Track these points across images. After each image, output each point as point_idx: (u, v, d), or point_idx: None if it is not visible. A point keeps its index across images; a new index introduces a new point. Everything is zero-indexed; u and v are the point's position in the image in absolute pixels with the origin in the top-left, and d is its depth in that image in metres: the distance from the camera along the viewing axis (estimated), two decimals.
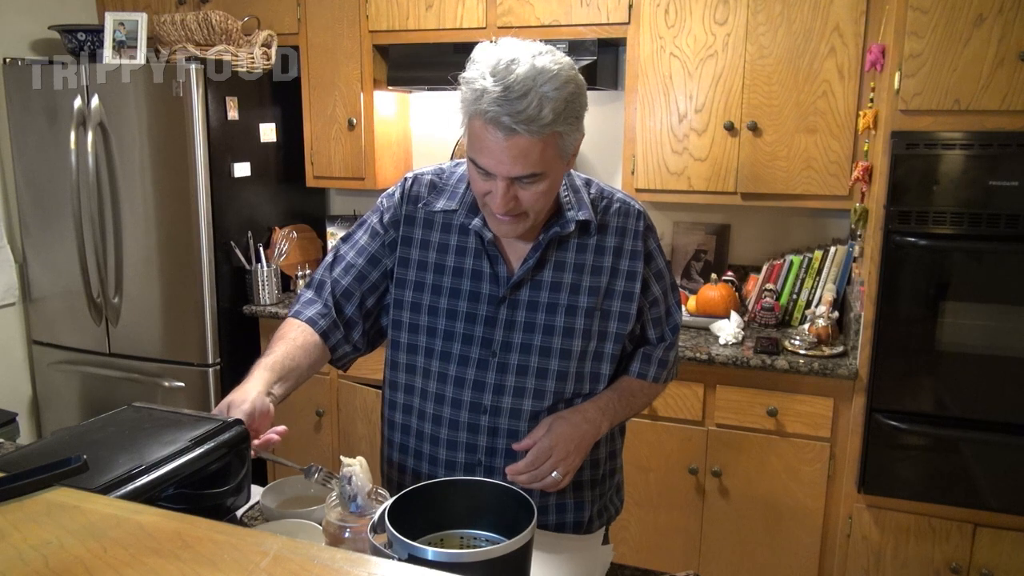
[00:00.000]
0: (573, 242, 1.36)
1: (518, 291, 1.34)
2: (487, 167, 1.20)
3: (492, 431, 1.35)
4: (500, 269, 1.34)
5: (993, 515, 2.24)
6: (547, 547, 1.19)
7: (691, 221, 3.03)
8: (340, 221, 3.44)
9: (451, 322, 1.36)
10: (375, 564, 0.70)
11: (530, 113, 1.13)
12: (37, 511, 0.77)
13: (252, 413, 1.19)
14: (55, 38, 3.13)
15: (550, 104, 1.14)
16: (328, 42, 3.09)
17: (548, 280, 1.34)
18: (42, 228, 3.15)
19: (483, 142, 1.18)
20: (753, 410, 2.48)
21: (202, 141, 2.87)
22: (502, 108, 1.13)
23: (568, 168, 1.31)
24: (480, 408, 1.35)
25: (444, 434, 1.38)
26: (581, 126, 1.24)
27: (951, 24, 2.07)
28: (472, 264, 1.36)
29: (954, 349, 2.21)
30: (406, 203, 1.40)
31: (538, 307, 1.34)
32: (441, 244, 1.38)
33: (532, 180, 1.21)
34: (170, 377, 3.04)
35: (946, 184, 2.13)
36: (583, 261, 1.35)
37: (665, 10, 2.61)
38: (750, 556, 2.57)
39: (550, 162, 1.20)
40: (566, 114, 1.17)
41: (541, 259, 1.34)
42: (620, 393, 1.43)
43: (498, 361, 1.34)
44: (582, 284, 1.35)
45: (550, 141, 1.17)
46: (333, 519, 1.15)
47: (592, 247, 1.36)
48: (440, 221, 1.38)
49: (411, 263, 1.39)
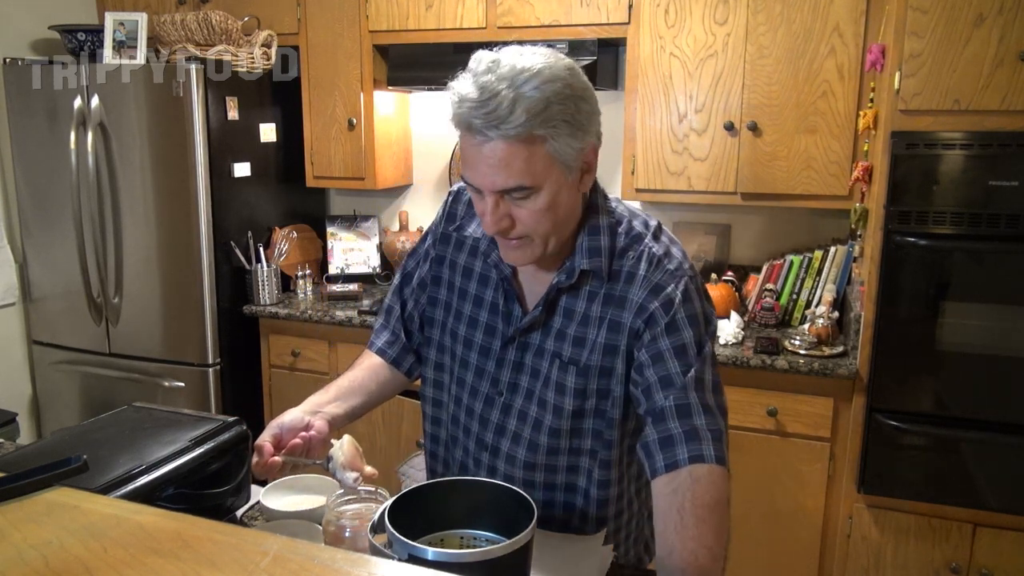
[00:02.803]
0: (584, 290, 1.22)
1: (529, 334, 1.26)
2: (472, 181, 1.11)
3: (491, 470, 1.31)
4: (514, 308, 1.27)
5: (993, 515, 2.24)
6: (547, 547, 1.19)
7: (691, 221, 3.03)
8: (340, 221, 3.44)
9: (467, 351, 1.32)
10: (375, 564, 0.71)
11: (500, 114, 1.02)
12: (37, 511, 0.77)
13: (282, 424, 1.21)
14: (55, 38, 3.13)
15: (524, 104, 1.02)
16: (328, 42, 3.09)
17: (556, 327, 1.24)
18: (42, 228, 3.15)
19: (465, 153, 1.10)
20: (753, 410, 2.48)
21: (202, 141, 2.87)
22: (473, 112, 1.04)
23: (580, 186, 1.15)
24: (483, 444, 1.32)
25: (459, 455, 1.37)
26: (584, 134, 1.10)
27: (951, 24, 2.07)
28: (491, 296, 1.29)
29: (954, 349, 2.21)
30: (445, 221, 1.37)
31: (544, 354, 1.25)
32: (467, 268, 1.33)
33: (523, 195, 1.09)
34: (170, 377, 3.04)
35: (946, 184, 2.13)
36: (591, 313, 1.21)
37: (665, 10, 2.61)
38: (750, 556, 2.57)
39: (541, 174, 1.07)
40: (547, 115, 1.04)
41: (553, 303, 1.24)
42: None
43: (503, 402, 1.29)
44: (587, 337, 1.21)
45: (535, 149, 1.05)
46: (333, 519, 1.15)
47: (602, 296, 1.21)
48: (469, 245, 1.33)
49: (443, 283, 1.36)
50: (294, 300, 3.16)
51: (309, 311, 3.00)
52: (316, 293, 3.23)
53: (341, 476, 1.19)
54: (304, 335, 3.06)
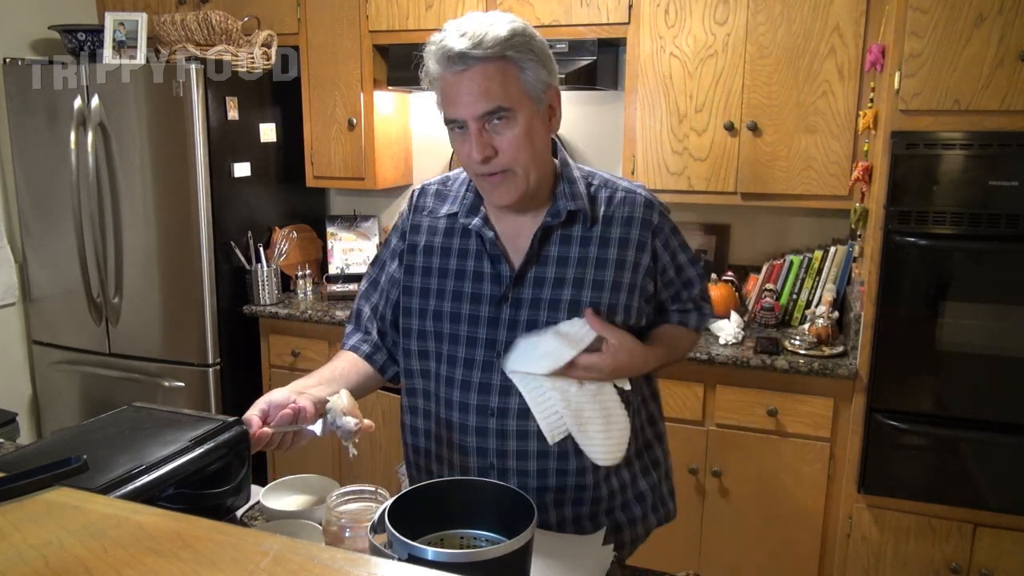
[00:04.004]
0: (576, 236, 1.34)
1: (520, 289, 1.33)
2: (456, 115, 1.24)
3: (501, 433, 1.34)
4: (502, 268, 1.34)
5: (993, 515, 2.24)
6: (547, 547, 1.19)
7: (691, 221, 3.03)
8: (340, 221, 3.44)
9: (455, 326, 1.36)
10: (375, 564, 0.71)
11: (477, 36, 1.20)
12: (37, 511, 0.77)
13: (269, 401, 1.25)
14: (55, 38, 3.13)
15: (496, 31, 1.21)
16: (328, 42, 3.09)
17: (551, 276, 1.33)
18: (42, 228, 3.15)
19: (447, 92, 1.24)
20: (753, 410, 2.48)
21: (202, 141, 2.87)
22: (456, 38, 1.21)
23: (549, 126, 1.31)
24: (487, 411, 1.34)
25: (456, 438, 1.38)
26: (548, 71, 1.26)
27: (951, 24, 2.07)
28: (473, 266, 1.36)
29: (954, 349, 2.21)
30: (413, 214, 1.45)
31: (541, 304, 1.32)
32: (444, 248, 1.39)
33: (502, 120, 1.23)
34: (170, 377, 3.04)
35: (946, 184, 2.13)
36: (587, 255, 1.33)
37: (665, 10, 2.61)
38: (750, 556, 2.57)
39: (516, 98, 1.23)
40: (514, 43, 1.21)
41: (543, 254, 1.33)
42: (663, 339, 1.43)
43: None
44: (586, 278, 1.32)
45: (509, 72, 1.22)
46: (333, 519, 1.15)
47: (596, 239, 1.34)
48: (444, 226, 1.40)
49: (416, 270, 1.41)
50: (294, 300, 3.16)
51: (309, 311, 3.00)
52: (316, 293, 3.23)
53: (341, 422, 1.22)
54: (304, 335, 3.06)
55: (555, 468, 1.35)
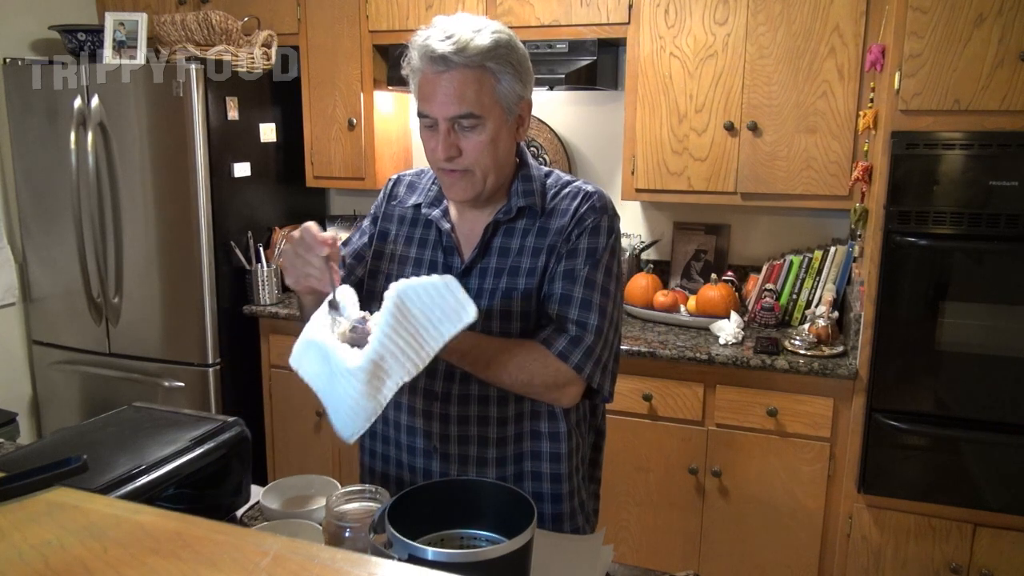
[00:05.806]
0: (520, 228, 1.39)
1: (468, 279, 1.37)
2: (429, 111, 1.29)
3: (444, 418, 1.38)
4: (453, 260, 1.39)
5: (993, 515, 2.24)
6: (547, 547, 1.19)
7: (691, 221, 3.03)
8: (340, 221, 3.44)
9: None
10: (375, 564, 0.71)
11: (462, 43, 1.24)
12: (37, 511, 0.77)
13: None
14: (55, 38, 3.13)
15: (480, 40, 1.25)
16: (328, 42, 3.09)
17: (493, 267, 1.38)
18: (42, 228, 3.15)
19: (424, 89, 1.29)
20: (753, 410, 2.48)
21: (202, 141, 2.87)
22: (440, 42, 1.25)
23: (516, 135, 1.35)
24: (433, 395, 1.38)
25: (404, 420, 1.42)
26: (524, 85, 1.30)
27: (951, 24, 2.07)
28: (429, 256, 1.42)
29: (954, 349, 2.21)
30: (386, 201, 1.53)
31: (483, 294, 1.36)
32: (407, 237, 1.46)
33: (471, 125, 1.27)
34: (170, 377, 3.04)
35: (946, 184, 2.13)
36: (525, 244, 1.38)
37: (665, 10, 2.61)
38: (750, 556, 2.57)
39: (488, 106, 1.27)
40: (497, 54, 1.26)
41: (488, 247, 1.38)
42: (492, 342, 1.33)
43: None
44: (521, 267, 1.37)
45: (486, 82, 1.26)
46: (333, 519, 1.15)
47: (535, 230, 1.38)
48: (410, 216, 1.48)
49: (384, 256, 1.47)
50: (294, 300, 3.16)
51: None
52: None
53: (347, 313, 1.20)
54: None
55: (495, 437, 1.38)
